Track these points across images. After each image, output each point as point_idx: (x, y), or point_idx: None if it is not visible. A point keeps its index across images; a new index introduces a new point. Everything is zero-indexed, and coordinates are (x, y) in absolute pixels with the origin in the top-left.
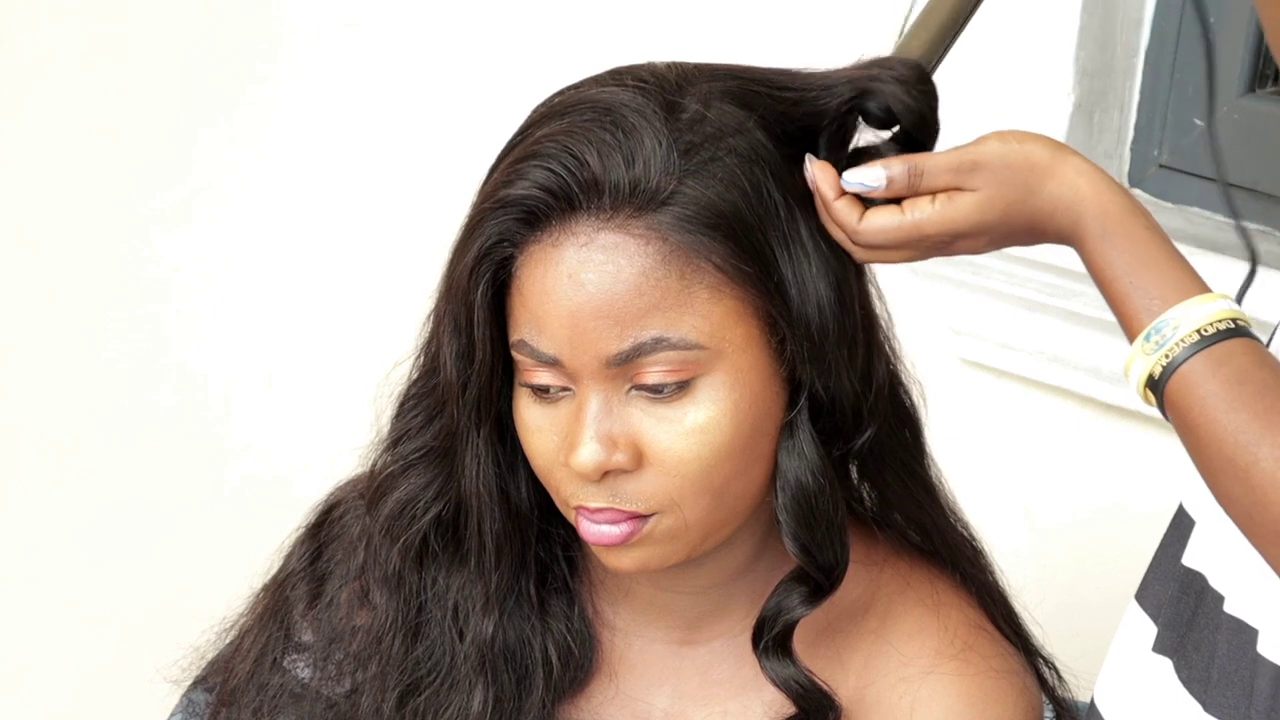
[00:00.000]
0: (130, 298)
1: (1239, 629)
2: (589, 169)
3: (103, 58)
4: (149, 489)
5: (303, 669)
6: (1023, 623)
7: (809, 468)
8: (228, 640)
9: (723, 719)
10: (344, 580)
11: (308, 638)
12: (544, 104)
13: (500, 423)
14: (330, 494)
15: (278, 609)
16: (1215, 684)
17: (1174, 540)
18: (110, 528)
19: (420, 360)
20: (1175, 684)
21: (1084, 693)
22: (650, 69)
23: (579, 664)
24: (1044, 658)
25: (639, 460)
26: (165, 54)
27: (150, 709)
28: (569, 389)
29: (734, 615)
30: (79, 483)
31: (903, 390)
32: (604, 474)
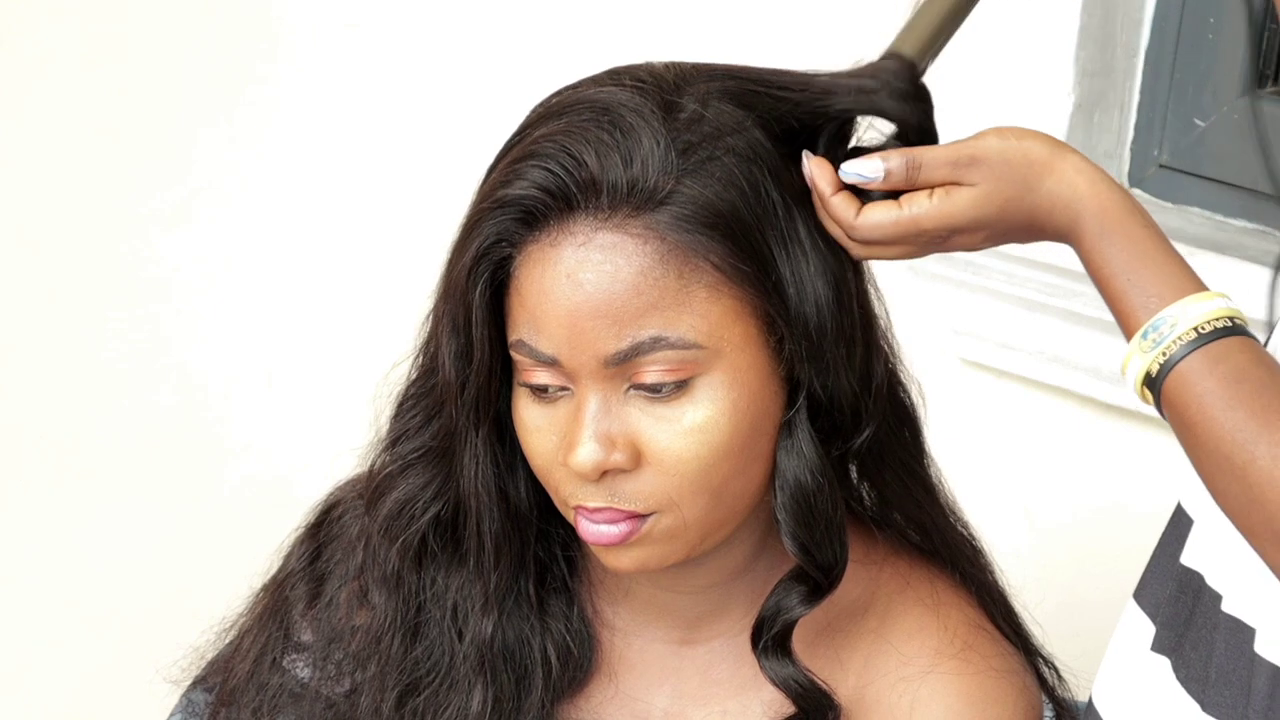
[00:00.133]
0: (130, 298)
1: (1237, 628)
2: (587, 169)
3: (103, 58)
4: (149, 489)
5: (302, 669)
6: (1022, 622)
7: (808, 467)
8: (227, 640)
9: (722, 718)
10: (343, 580)
11: (307, 637)
12: (542, 104)
13: (499, 422)
14: (329, 494)
15: (277, 609)
16: (1213, 683)
17: (1172, 539)
18: (110, 528)
19: (419, 360)
20: (1173, 683)
21: (1084, 692)
22: (648, 69)
23: (578, 664)
24: (1044, 657)
25: (637, 460)
26: (165, 54)
27: (150, 709)
28: (567, 389)
29: (733, 615)
30: (79, 483)
31: (902, 390)
32: (602, 474)
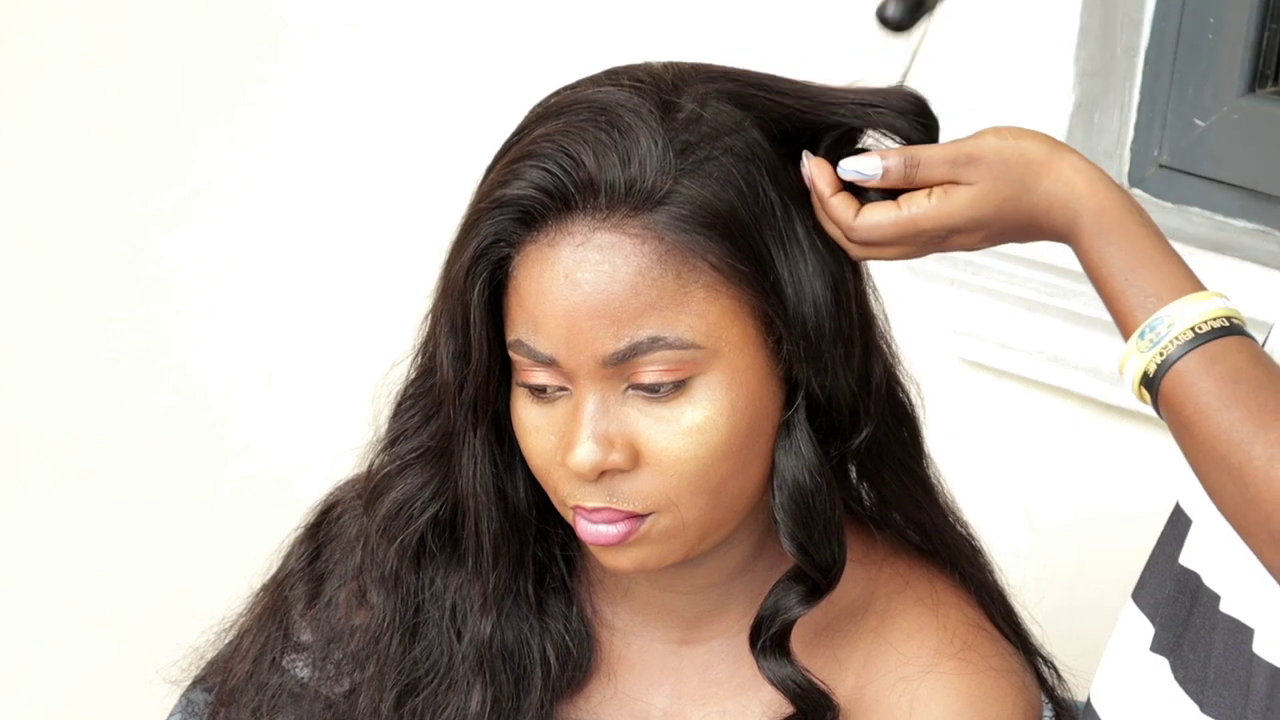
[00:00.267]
0: (130, 298)
1: (1235, 628)
2: (585, 169)
3: (103, 58)
4: (149, 489)
5: (301, 669)
6: (1022, 622)
7: (806, 467)
8: (227, 640)
9: (721, 718)
10: (342, 580)
11: (306, 637)
12: (540, 104)
13: (497, 423)
14: (329, 494)
15: (277, 609)
16: (1212, 683)
17: (1171, 539)
18: (110, 528)
19: (417, 360)
20: (1172, 684)
21: (1083, 692)
22: (646, 69)
23: (577, 664)
24: (1043, 657)
25: (636, 460)
26: (165, 54)
27: (150, 709)
28: (566, 389)
29: (732, 615)
30: (79, 483)
31: (900, 390)
32: (601, 474)
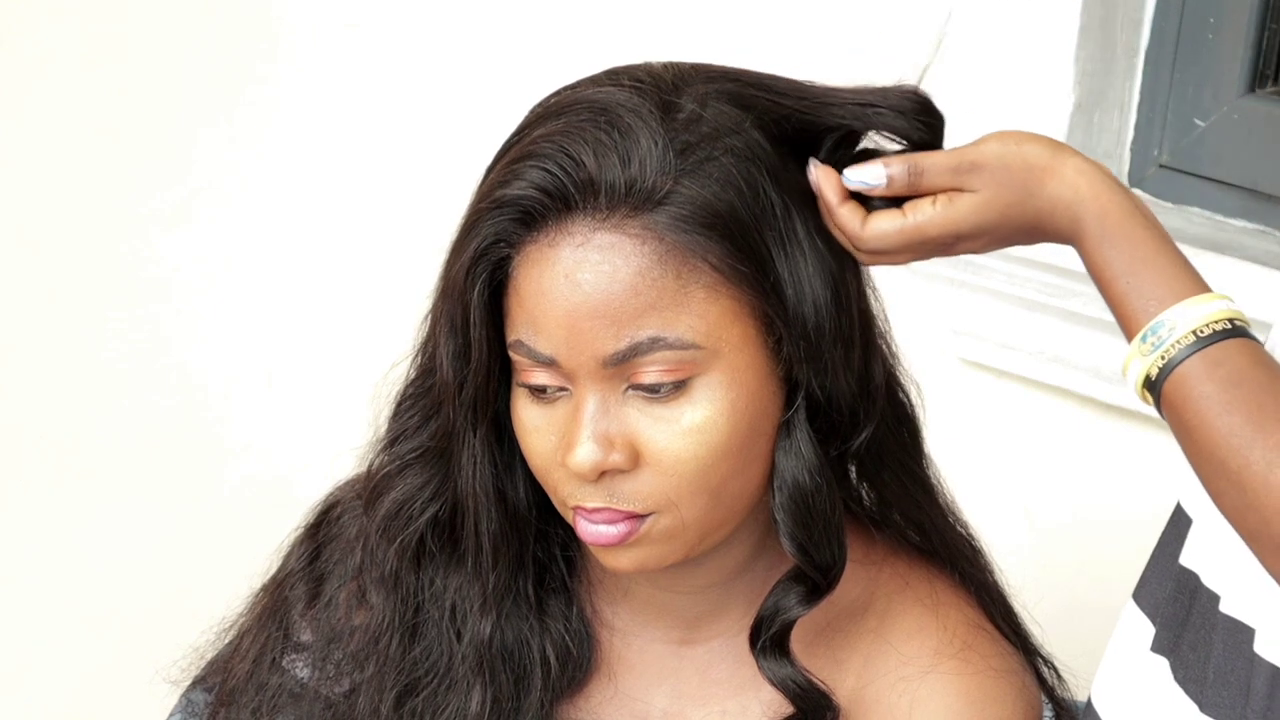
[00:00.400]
0: (130, 298)
1: (1235, 628)
2: (585, 169)
3: (103, 58)
4: (149, 489)
5: (301, 669)
6: (1022, 622)
7: (806, 467)
8: (227, 640)
9: (721, 718)
10: (342, 580)
11: (306, 637)
12: (540, 104)
13: (497, 423)
14: (329, 494)
15: (276, 609)
16: (1211, 683)
17: (1171, 539)
18: (110, 528)
19: (417, 360)
20: (1171, 684)
21: (1083, 692)
22: (647, 69)
23: (577, 664)
24: (1043, 657)
25: (636, 460)
26: (165, 54)
27: (150, 709)
28: (566, 389)
29: (732, 615)
30: (79, 483)
31: (900, 390)
32: (601, 474)
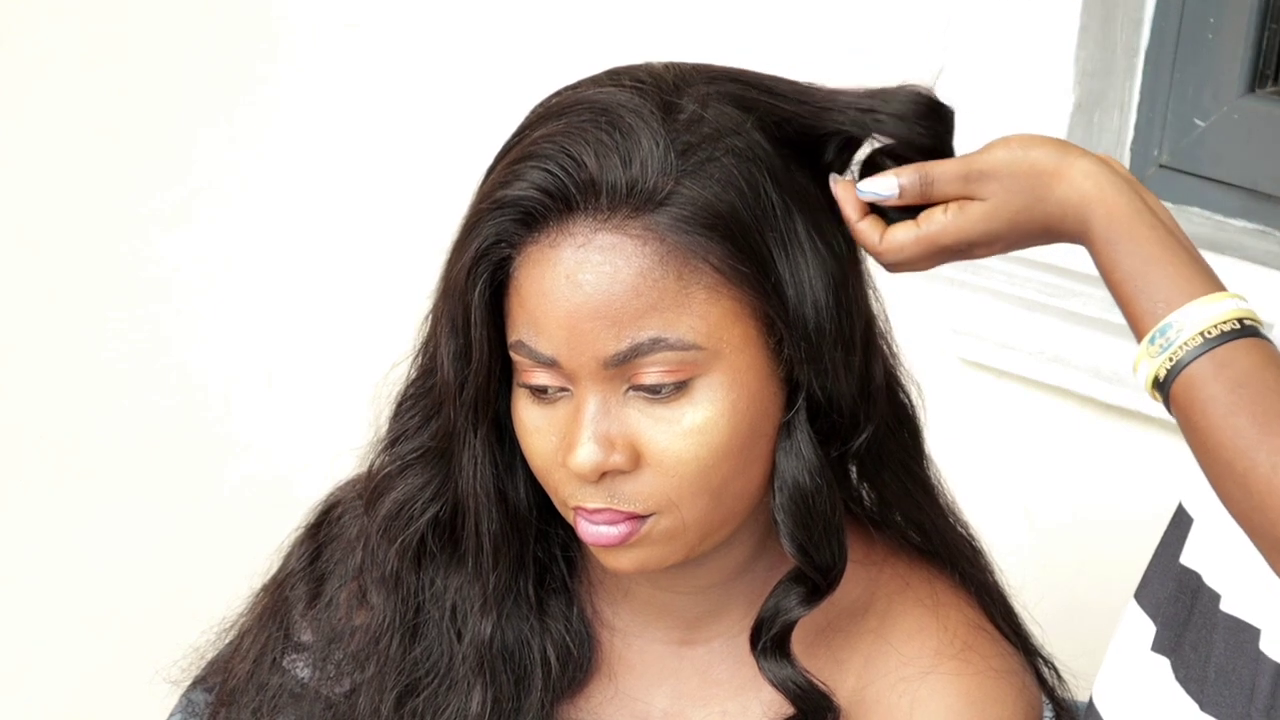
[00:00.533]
0: (130, 298)
1: (1238, 628)
2: (586, 170)
3: (103, 58)
4: (149, 489)
5: (302, 669)
6: (1022, 622)
7: (806, 468)
8: (227, 640)
9: (721, 719)
10: (343, 580)
11: (307, 638)
12: (541, 105)
13: (498, 423)
14: (329, 494)
15: (277, 609)
16: (1212, 683)
17: (1173, 539)
18: (110, 528)
19: (418, 360)
20: (1172, 683)
21: (1084, 692)
22: (648, 70)
23: (578, 664)
24: (1043, 657)
25: (637, 461)
26: (165, 54)
27: (150, 709)
28: (567, 389)
29: (733, 615)
30: (79, 483)
31: (901, 390)
32: (602, 475)
